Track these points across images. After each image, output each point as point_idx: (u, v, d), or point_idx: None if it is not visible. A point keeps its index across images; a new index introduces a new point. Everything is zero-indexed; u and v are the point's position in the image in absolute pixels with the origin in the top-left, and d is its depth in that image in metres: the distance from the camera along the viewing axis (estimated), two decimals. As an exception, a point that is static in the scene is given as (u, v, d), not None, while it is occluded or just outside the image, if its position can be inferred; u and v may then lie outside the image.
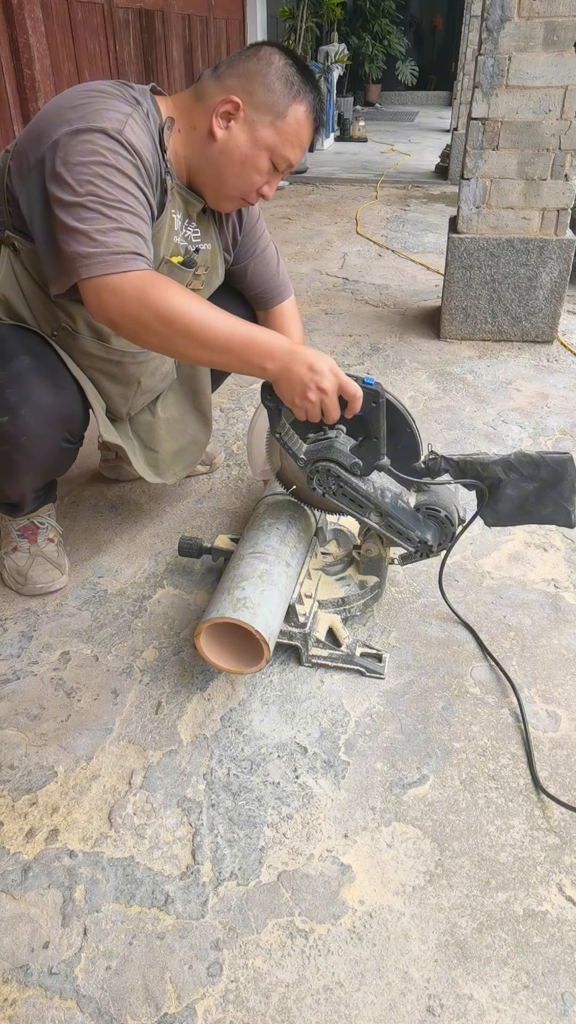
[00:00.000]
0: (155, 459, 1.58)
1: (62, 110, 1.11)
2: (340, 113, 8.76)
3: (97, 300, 1.08)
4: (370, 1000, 0.86)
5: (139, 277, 1.07)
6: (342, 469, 1.19)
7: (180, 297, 1.08)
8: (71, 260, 1.08)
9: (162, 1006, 0.86)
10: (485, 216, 2.61)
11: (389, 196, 5.57)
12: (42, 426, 1.23)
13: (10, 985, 0.88)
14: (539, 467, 1.15)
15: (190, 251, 1.35)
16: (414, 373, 2.56)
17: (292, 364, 1.09)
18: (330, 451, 1.19)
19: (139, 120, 1.13)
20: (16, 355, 1.22)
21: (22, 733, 1.20)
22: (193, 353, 1.12)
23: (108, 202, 1.07)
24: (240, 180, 1.26)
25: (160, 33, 4.74)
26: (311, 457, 1.20)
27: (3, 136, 3.28)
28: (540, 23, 2.28)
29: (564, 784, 1.11)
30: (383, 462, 1.19)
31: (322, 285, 3.54)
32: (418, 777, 1.12)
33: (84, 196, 1.06)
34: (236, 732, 1.20)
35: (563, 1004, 0.86)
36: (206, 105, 1.22)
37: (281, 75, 1.19)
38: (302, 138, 1.25)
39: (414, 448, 1.26)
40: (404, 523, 1.23)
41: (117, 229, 1.07)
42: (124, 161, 1.09)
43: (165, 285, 1.08)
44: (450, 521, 1.25)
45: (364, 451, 1.19)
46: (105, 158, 1.07)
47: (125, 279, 1.06)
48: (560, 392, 2.42)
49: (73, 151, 1.07)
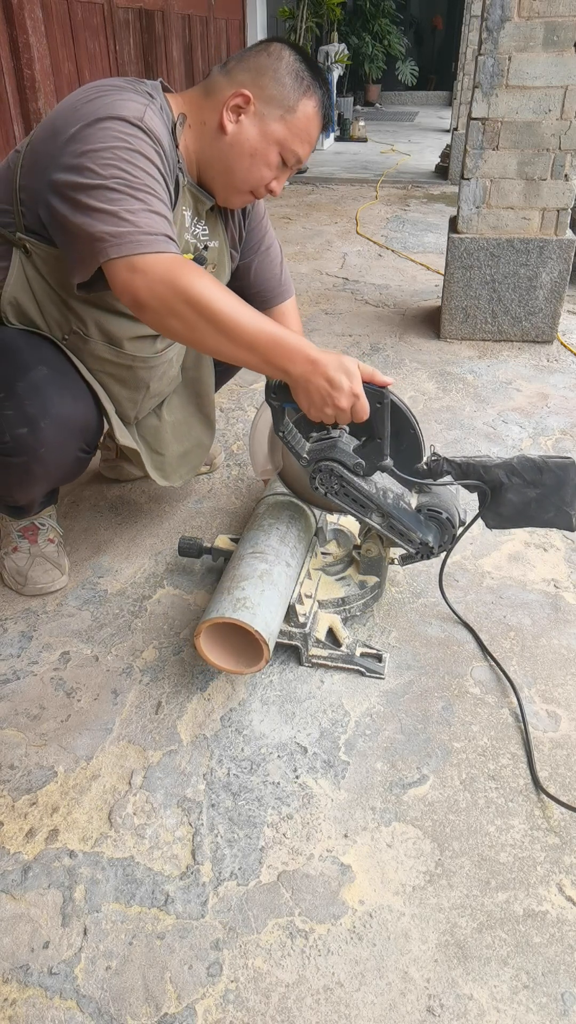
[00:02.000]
0: (161, 462, 1.58)
1: (77, 105, 1.10)
2: (340, 113, 8.77)
3: (127, 279, 1.04)
4: (370, 1000, 0.86)
5: (171, 259, 1.04)
6: (345, 469, 1.18)
7: (212, 287, 1.05)
8: (98, 240, 1.04)
9: (162, 1006, 0.86)
10: (485, 216, 2.61)
11: (389, 196, 5.57)
12: (61, 437, 1.23)
13: (10, 985, 0.88)
14: (542, 472, 1.15)
15: (199, 248, 1.35)
16: (414, 373, 2.56)
17: (313, 376, 1.08)
18: (333, 451, 1.18)
19: (155, 112, 1.13)
20: (33, 366, 1.21)
21: (22, 733, 1.20)
22: (217, 345, 1.08)
23: (134, 185, 1.05)
24: (249, 174, 1.26)
25: (160, 33, 4.74)
26: (314, 456, 1.20)
27: (3, 136, 3.28)
28: (540, 23, 2.28)
29: (564, 784, 1.11)
30: (386, 463, 1.19)
31: (322, 285, 3.54)
32: (418, 777, 1.12)
33: (109, 179, 1.04)
34: (236, 732, 1.20)
35: (563, 1004, 0.86)
36: (216, 100, 1.22)
37: (291, 70, 1.20)
38: (311, 133, 1.25)
39: (417, 449, 1.26)
40: (406, 524, 1.23)
41: (146, 211, 1.05)
42: (147, 146, 1.08)
43: (198, 272, 1.05)
44: (451, 523, 1.25)
45: (367, 451, 1.19)
46: (128, 143, 1.06)
47: (158, 260, 1.03)
48: (560, 392, 2.42)
49: (94, 139, 1.06)
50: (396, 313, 3.14)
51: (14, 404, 1.18)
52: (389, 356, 2.70)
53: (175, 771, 1.13)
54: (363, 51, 10.39)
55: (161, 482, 1.54)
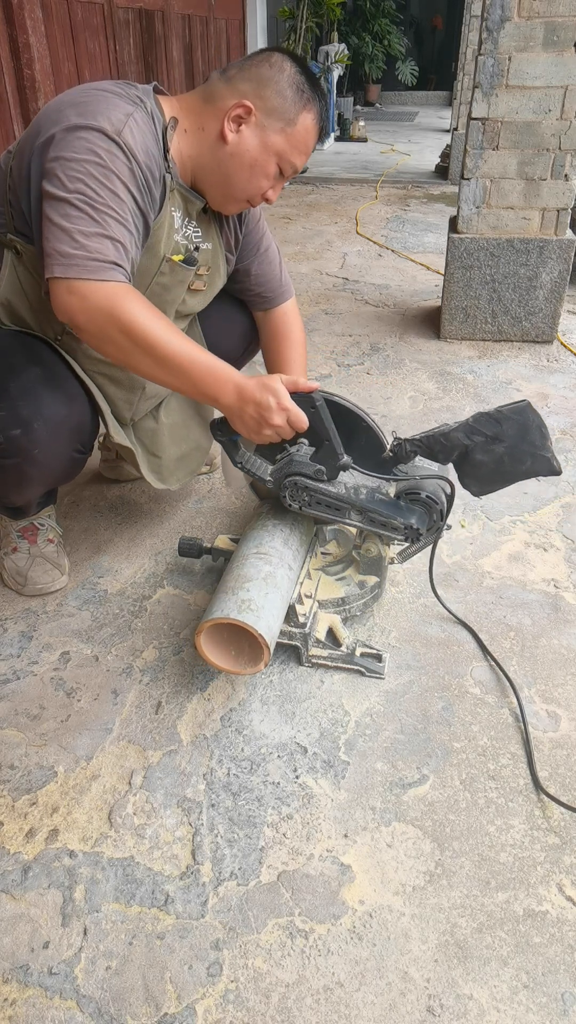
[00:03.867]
0: (158, 465, 1.57)
1: (63, 107, 1.11)
2: (340, 113, 8.76)
3: (66, 301, 1.08)
4: (370, 1000, 0.86)
5: (111, 288, 1.07)
6: (307, 479, 1.22)
7: (149, 318, 1.09)
8: (47, 255, 1.07)
9: (162, 1006, 0.86)
10: (485, 216, 2.61)
11: (389, 196, 5.57)
12: (54, 439, 1.23)
13: (10, 985, 0.88)
14: (500, 423, 1.13)
15: (190, 249, 1.35)
16: (414, 373, 2.56)
17: (242, 404, 1.14)
18: (291, 465, 1.22)
19: (140, 120, 1.13)
20: (27, 366, 1.21)
21: (22, 733, 1.20)
22: (150, 372, 1.14)
23: (96, 204, 1.07)
24: (248, 184, 1.27)
25: (160, 33, 4.74)
26: (277, 477, 1.25)
27: (3, 136, 3.28)
28: (540, 23, 2.28)
29: (564, 784, 1.11)
30: (344, 461, 1.21)
31: (322, 285, 3.54)
32: (418, 777, 1.12)
33: (72, 193, 1.06)
34: (236, 732, 1.20)
35: (563, 1004, 0.86)
36: (216, 107, 1.22)
37: (293, 83, 1.20)
38: (308, 145, 1.27)
39: (376, 440, 1.27)
40: (384, 514, 1.23)
41: (100, 235, 1.07)
42: (120, 164, 1.09)
43: (137, 302, 1.09)
44: (433, 500, 1.24)
45: (323, 456, 1.22)
46: (100, 159, 1.07)
47: (99, 287, 1.07)
48: (560, 392, 2.42)
49: (68, 147, 1.07)
50: (396, 313, 3.14)
51: (7, 405, 1.18)
52: (389, 356, 2.70)
53: (175, 771, 1.13)
54: (363, 51, 10.39)
55: (158, 485, 1.53)
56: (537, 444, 1.14)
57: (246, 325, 1.63)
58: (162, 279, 1.29)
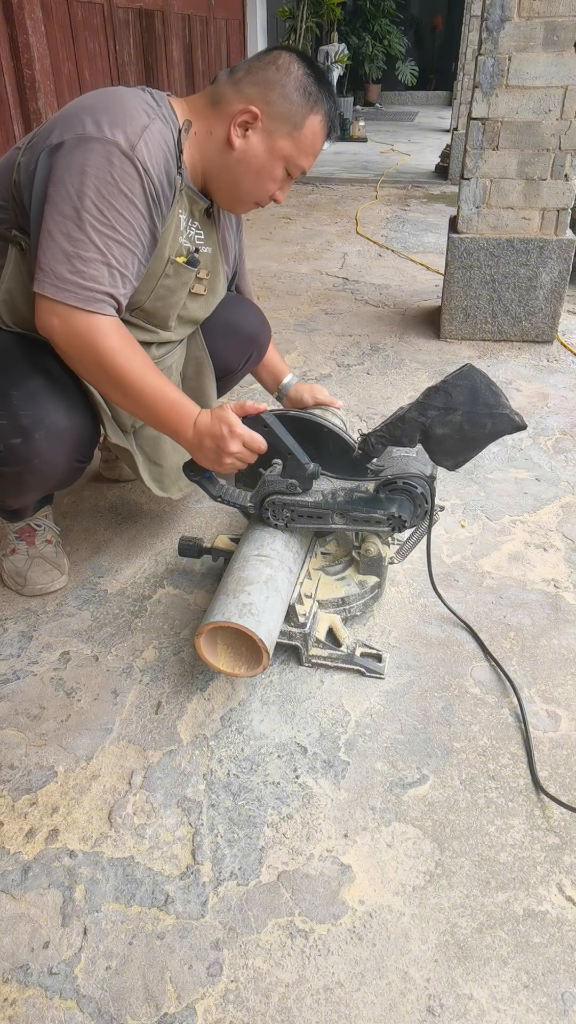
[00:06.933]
0: (160, 473, 1.56)
1: (80, 111, 1.10)
2: (340, 113, 8.75)
3: (48, 321, 1.11)
4: (370, 1000, 0.86)
5: (97, 322, 1.10)
6: (283, 495, 1.26)
7: (126, 353, 1.13)
8: (41, 269, 1.08)
9: (162, 1006, 0.86)
10: (485, 216, 2.61)
11: (389, 196, 5.57)
12: (55, 449, 1.23)
13: (10, 985, 0.88)
14: (449, 392, 1.13)
15: (191, 251, 1.35)
16: (414, 373, 2.56)
17: (200, 439, 1.18)
18: (265, 486, 1.27)
19: (156, 131, 1.12)
20: (30, 374, 1.21)
21: (22, 733, 1.20)
22: (119, 402, 1.20)
23: (100, 227, 1.07)
24: (256, 187, 1.27)
25: (160, 33, 4.74)
26: (255, 500, 1.29)
27: (3, 136, 3.28)
28: (540, 23, 2.28)
29: (564, 784, 1.11)
30: (312, 469, 1.24)
31: (322, 285, 3.54)
32: (418, 777, 1.12)
33: (80, 211, 1.06)
34: (236, 732, 1.20)
35: (563, 1004, 0.86)
36: (224, 112, 1.22)
37: (299, 85, 1.20)
38: (316, 147, 1.27)
39: (342, 443, 1.28)
40: (363, 510, 1.24)
41: (99, 262, 1.08)
42: (131, 180, 1.08)
43: (117, 337, 1.12)
44: (412, 485, 1.24)
45: (291, 470, 1.25)
46: (111, 177, 1.07)
47: (84, 318, 1.10)
48: (560, 392, 2.42)
49: (80, 157, 1.06)
50: (396, 313, 3.14)
51: (8, 414, 1.18)
52: (389, 356, 2.70)
53: (175, 771, 1.13)
54: (363, 51, 10.40)
55: (159, 493, 1.52)
56: (491, 403, 1.13)
57: (246, 339, 1.64)
58: (167, 281, 1.30)
